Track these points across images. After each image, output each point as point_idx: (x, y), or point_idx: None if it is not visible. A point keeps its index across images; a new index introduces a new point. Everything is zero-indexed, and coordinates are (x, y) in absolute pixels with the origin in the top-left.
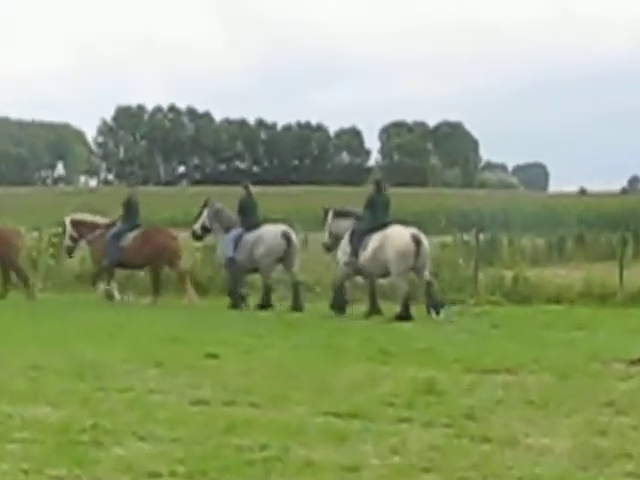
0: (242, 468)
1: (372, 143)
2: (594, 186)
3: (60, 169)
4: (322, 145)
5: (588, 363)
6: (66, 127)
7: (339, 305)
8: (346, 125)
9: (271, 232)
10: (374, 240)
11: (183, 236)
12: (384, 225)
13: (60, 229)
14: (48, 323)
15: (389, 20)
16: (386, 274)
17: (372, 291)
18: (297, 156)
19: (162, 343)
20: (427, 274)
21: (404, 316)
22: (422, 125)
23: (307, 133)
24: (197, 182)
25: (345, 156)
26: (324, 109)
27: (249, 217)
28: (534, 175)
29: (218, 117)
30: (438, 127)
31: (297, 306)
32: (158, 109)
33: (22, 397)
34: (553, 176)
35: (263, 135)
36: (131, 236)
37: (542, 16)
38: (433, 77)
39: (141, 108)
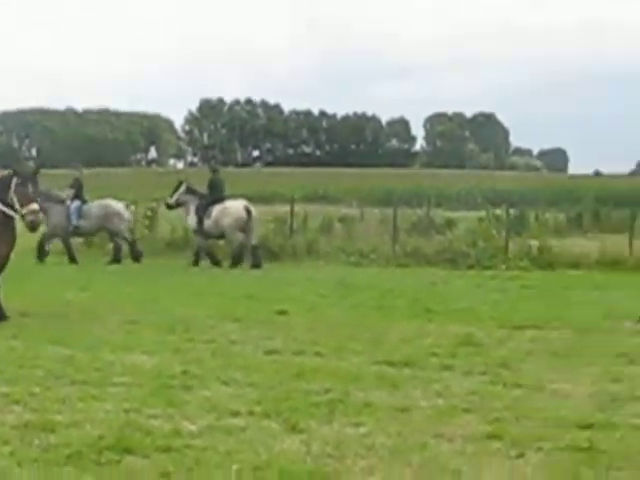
0: (309, 409)
1: (418, 131)
2: (607, 169)
3: (152, 153)
4: (375, 133)
5: (603, 320)
6: (157, 117)
7: (215, 262)
8: (396, 115)
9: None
10: (216, 210)
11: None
12: (222, 199)
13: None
14: (143, 285)
15: (434, 25)
16: (223, 236)
17: (211, 248)
18: (354, 142)
19: (240, 301)
20: (254, 238)
21: (236, 264)
22: (460, 115)
23: (362, 122)
24: (269, 164)
25: (395, 142)
26: (377, 101)
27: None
28: (556, 159)
29: (287, 108)
30: (474, 117)
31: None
32: (236, 102)
33: (122, 347)
34: (572, 160)
35: (325, 124)
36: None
37: (563, 22)
38: (470, 75)
39: (221, 101)
